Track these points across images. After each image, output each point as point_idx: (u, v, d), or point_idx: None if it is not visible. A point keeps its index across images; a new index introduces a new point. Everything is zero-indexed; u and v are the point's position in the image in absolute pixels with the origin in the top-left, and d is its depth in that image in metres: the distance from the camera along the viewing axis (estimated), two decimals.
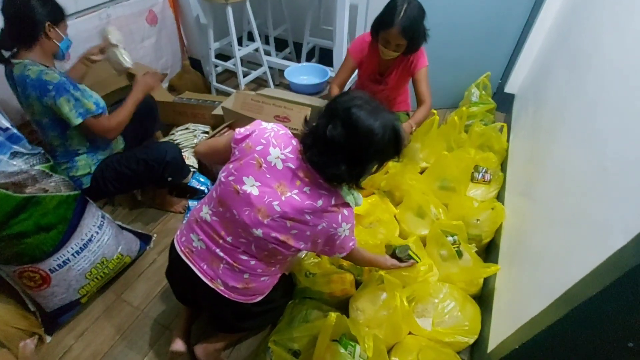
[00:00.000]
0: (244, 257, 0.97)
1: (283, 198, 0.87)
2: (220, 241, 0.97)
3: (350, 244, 1.00)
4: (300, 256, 1.40)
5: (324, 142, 0.82)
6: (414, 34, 1.46)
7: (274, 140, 0.90)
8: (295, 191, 0.88)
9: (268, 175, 0.88)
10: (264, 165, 0.89)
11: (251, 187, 0.89)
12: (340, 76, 1.75)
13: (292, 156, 0.89)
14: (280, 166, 0.88)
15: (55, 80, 1.22)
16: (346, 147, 0.81)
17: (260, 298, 1.06)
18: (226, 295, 1.00)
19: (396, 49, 1.52)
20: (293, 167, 0.88)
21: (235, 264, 0.98)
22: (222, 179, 0.94)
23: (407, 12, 1.42)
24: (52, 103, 1.23)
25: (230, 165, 0.93)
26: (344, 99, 0.84)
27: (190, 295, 1.13)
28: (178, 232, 1.08)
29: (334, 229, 0.91)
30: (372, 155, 0.85)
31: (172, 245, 1.08)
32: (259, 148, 0.90)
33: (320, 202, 0.87)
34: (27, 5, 1.19)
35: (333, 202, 0.89)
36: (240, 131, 0.94)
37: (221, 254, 0.98)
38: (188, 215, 1.07)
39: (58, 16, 1.27)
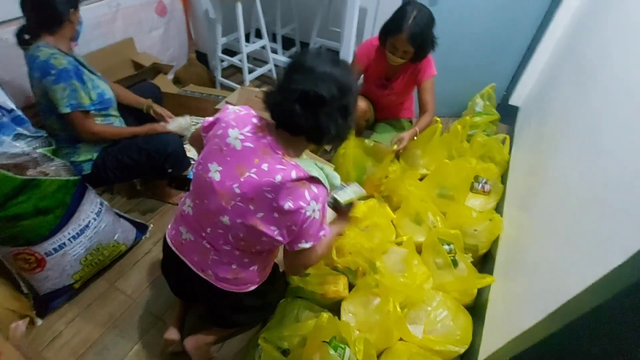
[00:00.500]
0: (227, 248, 0.95)
1: (242, 179, 0.84)
2: (203, 233, 0.97)
3: (321, 233, 0.91)
4: None
5: (319, 103, 0.79)
6: (422, 42, 1.46)
7: (233, 122, 0.88)
8: (254, 170, 0.83)
9: (229, 158, 0.85)
10: (224, 148, 0.86)
11: (214, 173, 0.87)
12: None
13: (250, 135, 0.86)
14: (239, 146, 0.85)
15: (60, 66, 1.23)
16: (339, 100, 0.81)
17: (253, 287, 1.04)
18: (219, 286, 1.00)
19: (403, 56, 1.51)
20: (252, 145, 0.85)
21: (222, 255, 0.97)
22: (194, 171, 0.94)
23: (417, 19, 1.40)
24: (48, 86, 1.23)
25: (200, 155, 0.93)
26: (310, 57, 0.82)
27: (187, 288, 1.13)
28: (169, 226, 1.08)
29: (302, 207, 0.83)
30: (354, 100, 0.88)
31: (165, 239, 1.08)
32: (219, 132, 0.88)
33: (279, 177, 0.81)
34: None
35: (294, 176, 0.82)
36: (208, 119, 0.94)
37: (207, 245, 0.97)
38: None
39: (77, 3, 1.32)
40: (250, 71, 2.52)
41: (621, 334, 0.67)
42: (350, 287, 1.39)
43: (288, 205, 0.82)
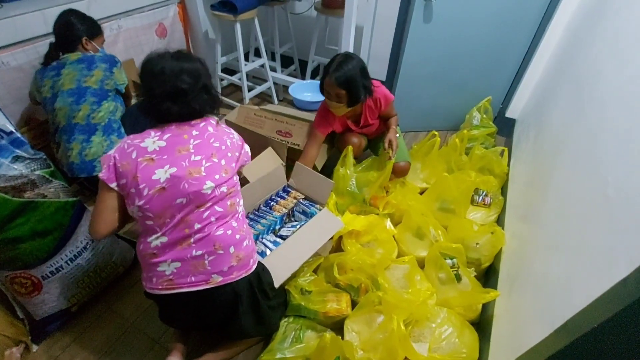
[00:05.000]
0: (220, 232, 1.00)
1: (192, 150, 0.97)
2: (191, 240, 0.97)
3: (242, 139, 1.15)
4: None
5: (183, 94, 0.96)
6: (349, 83, 1.51)
7: (137, 139, 0.96)
8: (192, 140, 0.98)
9: (165, 156, 0.95)
10: (153, 155, 0.94)
11: (167, 173, 0.93)
12: (310, 152, 1.69)
13: (160, 132, 0.98)
14: (163, 143, 0.96)
15: (116, 58, 1.72)
16: (196, 84, 0.99)
17: (255, 266, 1.10)
18: (229, 281, 1.01)
19: (338, 100, 1.56)
20: (170, 134, 0.98)
21: (216, 247, 0.99)
22: (141, 202, 0.93)
23: (342, 64, 1.50)
24: (117, 71, 1.68)
25: (133, 190, 0.93)
26: (156, 62, 0.97)
27: (196, 319, 1.11)
28: (145, 282, 1.04)
29: (232, 136, 1.09)
30: (207, 75, 1.05)
31: (150, 294, 1.04)
32: (134, 155, 0.94)
33: (210, 129, 1.03)
34: (68, 22, 1.58)
35: (213, 122, 1.06)
36: (103, 172, 0.94)
37: (199, 252, 0.98)
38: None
39: (95, 31, 1.67)
40: (250, 89, 2.56)
41: (630, 350, 0.65)
42: (353, 304, 1.36)
43: (228, 141, 1.05)
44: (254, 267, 1.10)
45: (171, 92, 0.95)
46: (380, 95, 1.68)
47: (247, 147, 1.15)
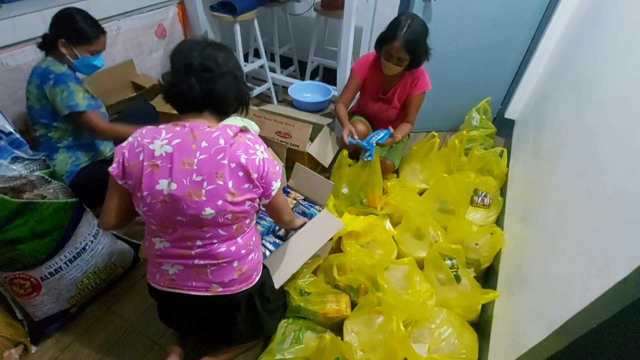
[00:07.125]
0: (223, 248, 0.96)
1: (195, 167, 0.87)
2: (193, 252, 0.95)
3: (278, 167, 0.97)
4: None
5: (207, 69, 0.88)
6: (416, 48, 1.51)
7: (146, 139, 0.89)
8: (198, 152, 0.88)
9: (169, 165, 0.87)
10: (158, 162, 0.87)
11: (169, 188, 0.87)
12: (346, 95, 1.80)
13: (171, 134, 0.89)
14: (170, 149, 0.88)
15: (59, 71, 1.32)
16: (227, 65, 0.90)
17: (257, 278, 1.07)
18: (228, 293, 1.00)
19: (398, 63, 1.56)
20: (180, 139, 0.88)
21: (220, 261, 0.97)
22: (144, 209, 0.91)
23: (411, 26, 1.48)
24: (48, 91, 1.32)
25: (138, 194, 0.90)
26: (183, 49, 0.91)
27: (194, 322, 1.11)
28: (149, 275, 1.04)
29: (253, 153, 0.91)
30: (238, 72, 0.95)
31: (152, 288, 1.04)
32: (141, 157, 0.87)
33: (221, 141, 0.88)
34: (56, 19, 1.33)
35: (231, 133, 0.90)
36: (112, 167, 0.90)
37: (202, 261, 0.96)
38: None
39: (76, 39, 1.35)
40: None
41: (629, 351, 0.65)
42: (353, 305, 1.36)
43: (243, 157, 0.89)
44: (257, 279, 1.08)
45: (197, 66, 0.87)
46: (421, 77, 1.67)
47: (276, 185, 0.96)
